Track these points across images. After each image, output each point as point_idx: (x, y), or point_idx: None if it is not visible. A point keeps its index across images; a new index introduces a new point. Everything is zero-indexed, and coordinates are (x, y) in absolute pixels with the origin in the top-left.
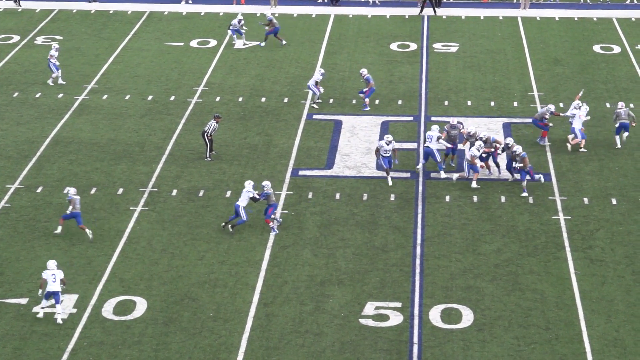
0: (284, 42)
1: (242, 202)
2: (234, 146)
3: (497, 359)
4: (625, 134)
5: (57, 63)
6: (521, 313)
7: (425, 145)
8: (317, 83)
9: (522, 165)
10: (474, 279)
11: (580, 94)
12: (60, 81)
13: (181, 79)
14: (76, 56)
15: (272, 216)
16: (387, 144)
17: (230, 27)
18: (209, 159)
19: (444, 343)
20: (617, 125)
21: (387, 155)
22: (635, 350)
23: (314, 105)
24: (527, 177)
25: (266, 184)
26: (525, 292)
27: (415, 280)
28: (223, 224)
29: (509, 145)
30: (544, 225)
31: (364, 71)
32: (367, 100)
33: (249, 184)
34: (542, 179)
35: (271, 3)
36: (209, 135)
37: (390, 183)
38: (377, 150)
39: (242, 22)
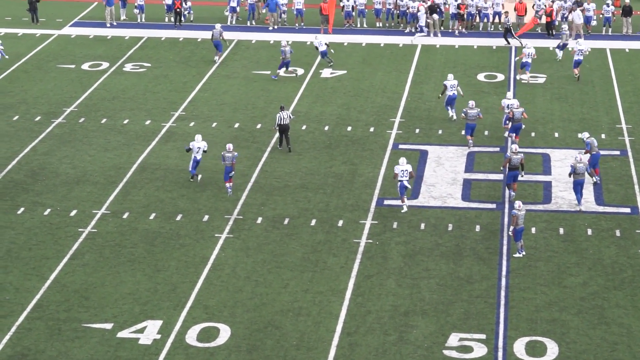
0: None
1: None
2: (320, 175)
3: None
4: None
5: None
6: (607, 347)
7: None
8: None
9: None
10: (559, 312)
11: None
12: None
13: (267, 107)
14: (164, 83)
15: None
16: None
17: None
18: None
19: None
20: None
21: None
22: None
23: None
24: None
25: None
26: (612, 326)
27: (500, 312)
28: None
29: None
30: (631, 259)
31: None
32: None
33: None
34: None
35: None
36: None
37: (404, 209)
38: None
39: None
